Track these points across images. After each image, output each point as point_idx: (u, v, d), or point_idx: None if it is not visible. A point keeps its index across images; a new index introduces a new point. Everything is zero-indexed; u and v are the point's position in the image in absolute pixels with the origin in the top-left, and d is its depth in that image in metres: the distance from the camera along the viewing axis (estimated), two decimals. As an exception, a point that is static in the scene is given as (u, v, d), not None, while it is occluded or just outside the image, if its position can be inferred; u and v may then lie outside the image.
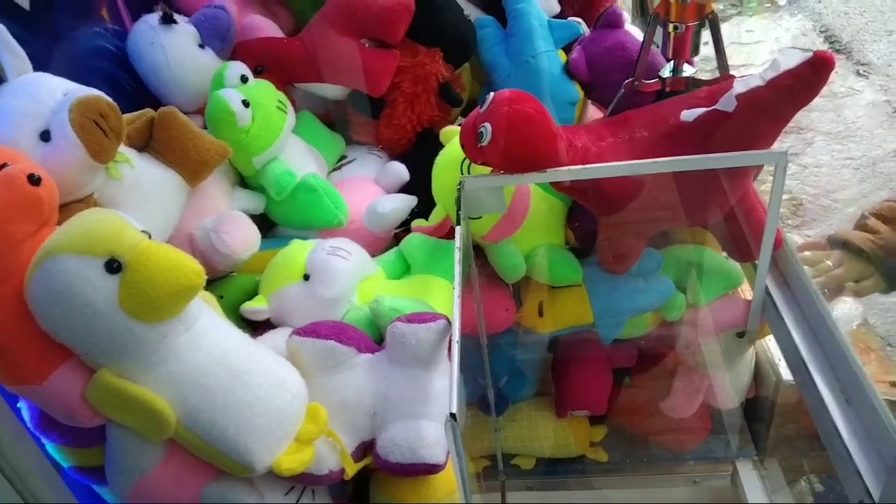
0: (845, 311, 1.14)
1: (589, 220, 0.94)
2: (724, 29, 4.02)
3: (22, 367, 0.55)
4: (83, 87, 0.67)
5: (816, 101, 2.60)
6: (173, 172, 0.74)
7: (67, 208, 0.63)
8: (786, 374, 1.00)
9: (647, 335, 1.00)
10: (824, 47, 3.82)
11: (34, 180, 0.55)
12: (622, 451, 1.12)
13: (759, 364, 1.05)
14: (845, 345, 0.79)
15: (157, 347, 0.55)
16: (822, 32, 3.95)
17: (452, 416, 0.55)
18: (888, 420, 0.69)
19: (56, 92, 0.65)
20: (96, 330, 0.52)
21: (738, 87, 0.78)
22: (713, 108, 0.80)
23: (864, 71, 3.54)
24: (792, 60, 0.75)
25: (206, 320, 0.59)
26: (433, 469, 0.63)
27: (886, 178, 2.92)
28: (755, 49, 3.91)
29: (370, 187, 0.94)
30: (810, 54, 0.74)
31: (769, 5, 4.32)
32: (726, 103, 0.78)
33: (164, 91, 0.88)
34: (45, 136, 0.63)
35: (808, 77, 0.74)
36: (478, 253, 0.94)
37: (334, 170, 0.97)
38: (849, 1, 4.14)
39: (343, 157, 0.99)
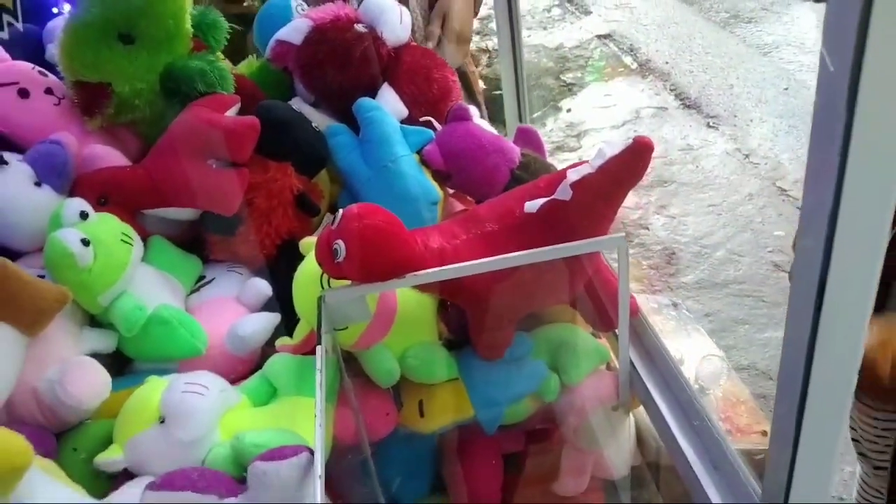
0: (711, 369, 1.20)
1: (459, 312, 0.95)
2: (584, 95, 4.25)
3: None
4: None
5: (675, 154, 2.79)
6: (6, 326, 0.70)
7: None
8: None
9: (528, 419, 1.01)
10: (676, 104, 4.13)
11: None
12: (523, 536, 1.11)
13: (640, 431, 1.08)
14: (706, 412, 0.83)
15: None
16: (672, 91, 4.27)
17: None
18: (750, 484, 0.72)
19: None
20: None
21: (572, 176, 0.82)
22: (552, 197, 0.83)
23: (714, 123, 3.84)
24: (616, 148, 0.80)
25: (41, 494, 0.55)
26: None
27: (747, 221, 3.14)
28: (615, 111, 4.18)
29: (232, 307, 0.92)
30: (631, 141, 0.79)
31: (622, 70, 4.65)
32: (562, 192, 0.82)
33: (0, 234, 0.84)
34: None
35: (632, 161, 0.79)
36: (352, 359, 0.93)
37: (193, 292, 0.94)
38: (692, 60, 4.51)
39: (202, 278, 0.97)
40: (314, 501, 0.58)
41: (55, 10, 1.27)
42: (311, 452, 0.64)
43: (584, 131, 4.01)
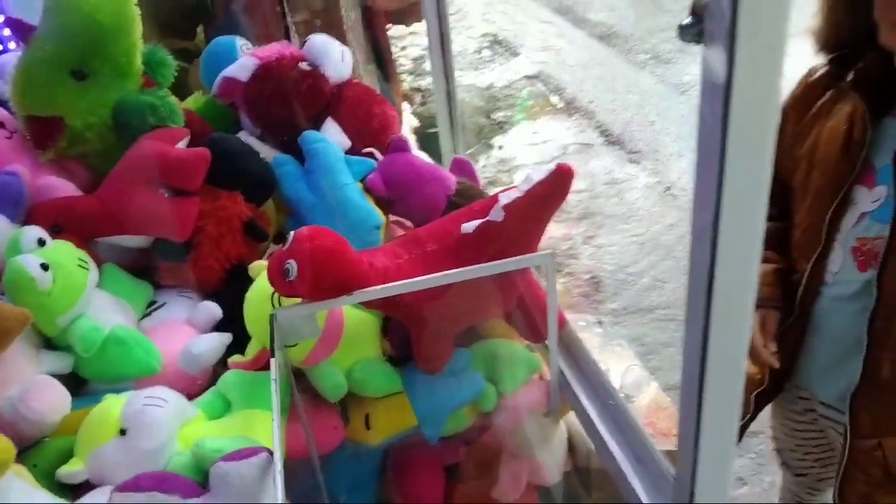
0: (634, 378, 1.29)
1: (401, 329, 1.02)
2: (514, 133, 4.41)
3: None
4: None
5: (601, 188, 2.94)
6: (-31, 346, 0.73)
7: None
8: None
9: (468, 429, 1.08)
10: (601, 140, 4.33)
11: None
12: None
13: (571, 438, 1.16)
14: (630, 414, 0.91)
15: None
16: (597, 128, 4.48)
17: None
18: (669, 472, 0.80)
19: None
20: None
21: (504, 200, 0.91)
22: (487, 219, 0.92)
23: (636, 158, 4.04)
24: (541, 174, 0.89)
25: (17, 495, 0.58)
26: None
27: (668, 250, 3.31)
28: (544, 148, 4.35)
29: (183, 329, 0.96)
30: (554, 167, 0.89)
31: (549, 108, 4.85)
32: (496, 214, 0.91)
33: (-46, 262, 0.87)
34: None
35: (555, 185, 0.89)
36: (301, 376, 0.98)
37: (144, 317, 0.98)
38: (615, 99, 4.74)
39: (153, 303, 1.00)
40: (276, 500, 0.63)
41: (-1, 48, 1.30)
42: (271, 453, 0.69)
43: (515, 167, 4.16)
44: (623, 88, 4.80)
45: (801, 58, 1.05)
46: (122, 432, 0.74)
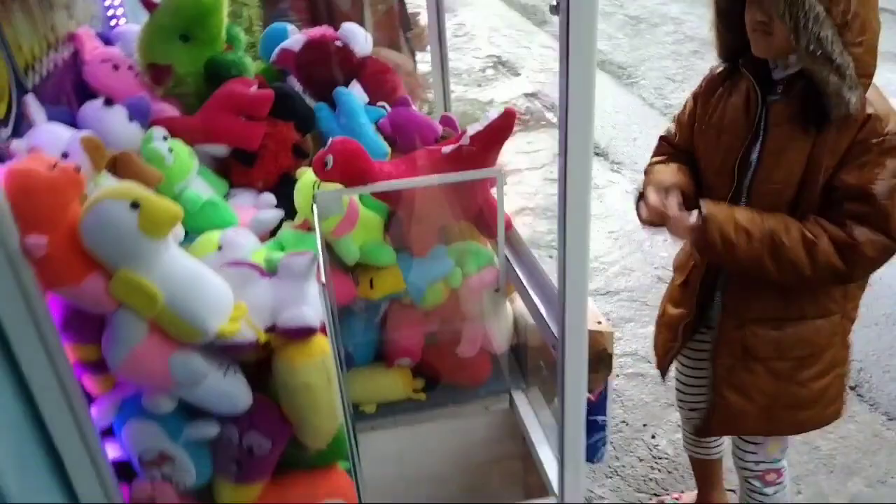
0: None
1: (399, 225, 1.46)
2: (510, 142, 4.94)
3: (65, 274, 0.96)
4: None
5: None
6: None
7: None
8: (531, 321, 1.54)
9: (444, 302, 1.52)
10: (587, 152, 4.79)
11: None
12: (436, 392, 1.60)
13: (516, 318, 1.60)
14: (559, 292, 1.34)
15: (155, 255, 0.98)
16: (585, 141, 4.94)
17: (324, 284, 1.03)
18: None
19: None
20: (122, 244, 0.95)
21: (470, 131, 1.36)
22: (458, 144, 1.37)
23: (617, 168, 4.51)
24: (495, 114, 1.35)
25: (178, 245, 1.03)
26: (312, 330, 1.08)
27: (638, 244, 3.76)
28: (536, 156, 4.82)
29: (250, 209, 1.41)
30: (503, 110, 1.34)
31: (544, 123, 5.34)
32: (464, 140, 1.36)
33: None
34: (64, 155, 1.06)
35: (504, 122, 1.34)
36: (329, 248, 1.42)
37: (224, 201, 1.43)
38: (603, 117, 5.22)
39: (227, 194, 1.46)
40: (321, 280, 1.07)
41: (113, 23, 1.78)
42: (314, 256, 1.14)
43: (509, 171, 4.63)
44: (612, 108, 5.29)
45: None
46: (219, 248, 1.19)
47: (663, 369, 1.81)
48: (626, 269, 3.59)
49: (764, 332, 1.55)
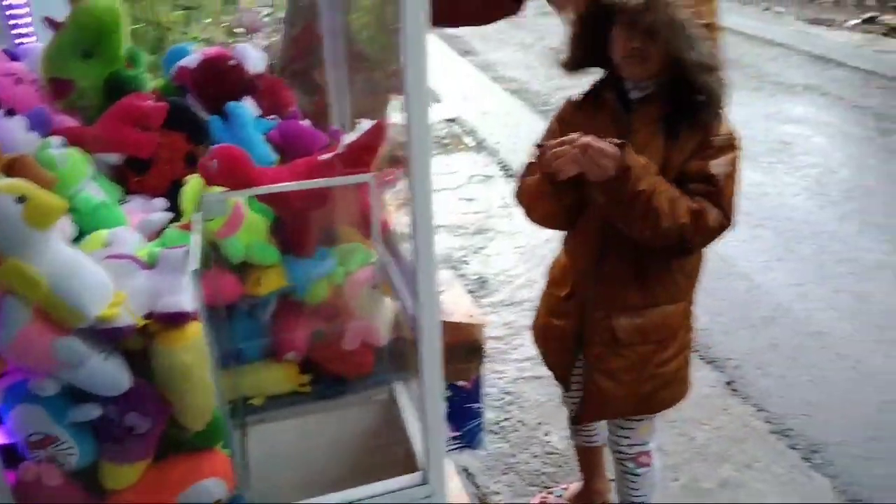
0: (442, 279, 1.90)
1: (284, 227, 1.60)
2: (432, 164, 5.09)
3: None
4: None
5: (495, 210, 3.75)
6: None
7: None
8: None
9: (328, 299, 1.66)
10: (501, 174, 5.04)
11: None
12: (322, 385, 1.73)
13: (396, 313, 1.75)
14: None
15: (40, 245, 1.09)
16: (499, 164, 5.19)
17: (194, 271, 1.16)
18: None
19: None
20: (8, 235, 1.06)
21: (345, 140, 1.52)
22: (335, 152, 1.53)
23: (528, 188, 4.75)
24: (368, 126, 1.51)
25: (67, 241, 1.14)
26: (187, 315, 1.21)
27: (541, 259, 3.98)
28: (454, 177, 5.03)
29: (140, 213, 1.53)
30: (374, 124, 1.51)
31: (462, 147, 5.56)
32: (341, 148, 1.52)
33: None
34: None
35: (376, 132, 1.51)
36: (216, 248, 1.54)
37: (118, 206, 1.55)
38: (517, 142, 5.47)
39: (122, 200, 1.58)
40: (193, 268, 1.20)
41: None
42: (188, 249, 1.26)
43: (426, 191, 4.81)
44: (525, 134, 5.55)
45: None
46: (106, 244, 1.31)
47: (567, 381, 1.98)
48: (530, 281, 3.80)
49: (628, 319, 1.77)
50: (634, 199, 1.57)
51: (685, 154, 1.64)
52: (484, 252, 4.11)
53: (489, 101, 6.37)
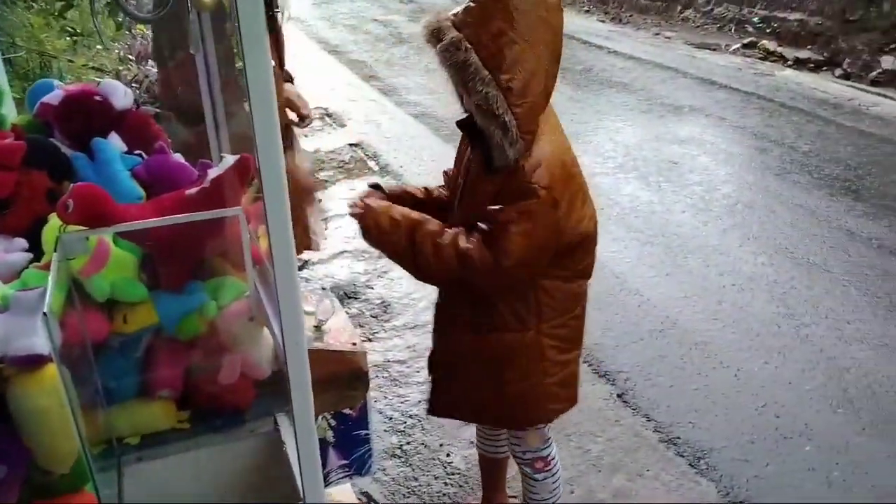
0: (324, 307, 1.92)
1: (151, 263, 1.59)
2: (335, 189, 5.11)
3: None
4: None
5: None
6: None
7: None
8: (289, 346, 1.70)
9: (202, 333, 1.64)
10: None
11: None
12: (202, 420, 1.70)
13: (277, 347, 1.75)
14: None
15: None
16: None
17: (45, 314, 1.14)
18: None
19: None
20: None
21: (211, 174, 1.53)
22: (201, 185, 1.53)
23: (430, 211, 4.82)
24: (234, 159, 1.52)
25: None
26: (42, 358, 1.18)
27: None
28: (357, 202, 5.03)
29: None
30: (239, 156, 1.52)
31: (366, 171, 5.58)
32: (206, 182, 1.52)
33: None
34: None
35: (242, 164, 1.52)
36: (80, 286, 1.51)
37: (-27, 247, 1.50)
38: (421, 165, 5.55)
39: (-22, 241, 1.52)
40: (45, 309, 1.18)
41: None
42: (43, 293, 1.24)
43: (331, 216, 4.82)
44: (429, 157, 5.64)
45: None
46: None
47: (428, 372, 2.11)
48: (433, 304, 3.82)
49: (462, 335, 1.84)
50: (393, 250, 1.78)
51: (489, 193, 1.69)
52: (387, 276, 4.14)
53: (393, 125, 6.43)
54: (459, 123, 1.80)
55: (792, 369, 3.24)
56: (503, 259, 1.65)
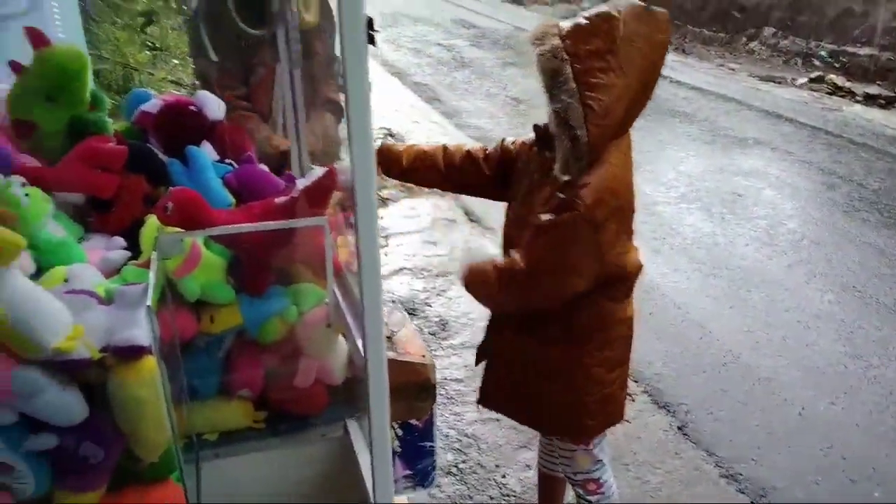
0: (396, 318, 1.96)
1: (240, 267, 1.65)
2: (394, 208, 5.21)
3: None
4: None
5: (458, 253, 3.80)
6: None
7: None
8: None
9: (281, 337, 1.70)
10: (464, 218, 5.13)
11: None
12: (276, 421, 1.75)
13: (350, 353, 1.79)
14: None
15: (1, 278, 1.13)
16: (461, 208, 5.29)
17: (148, 307, 1.20)
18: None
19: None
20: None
21: (299, 185, 1.59)
22: (290, 195, 1.59)
23: (489, 233, 4.85)
24: (321, 171, 1.58)
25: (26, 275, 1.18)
26: (142, 350, 1.25)
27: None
28: (418, 220, 5.11)
29: (99, 251, 1.57)
30: (327, 169, 1.58)
31: (426, 191, 5.66)
32: (294, 192, 1.58)
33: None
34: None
35: (328, 178, 1.57)
36: (173, 286, 1.58)
37: (77, 244, 1.58)
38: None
39: (82, 238, 1.61)
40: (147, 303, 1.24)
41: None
42: (145, 290, 1.31)
43: (391, 234, 4.90)
44: (489, 180, 5.68)
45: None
46: (66, 280, 1.34)
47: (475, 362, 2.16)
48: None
49: (514, 338, 1.93)
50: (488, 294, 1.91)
51: (542, 199, 1.77)
52: (446, 295, 4.18)
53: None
54: (536, 127, 1.85)
55: (859, 411, 3.14)
56: (525, 261, 1.73)
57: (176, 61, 5.92)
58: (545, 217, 1.70)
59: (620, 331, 1.92)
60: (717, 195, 5.32)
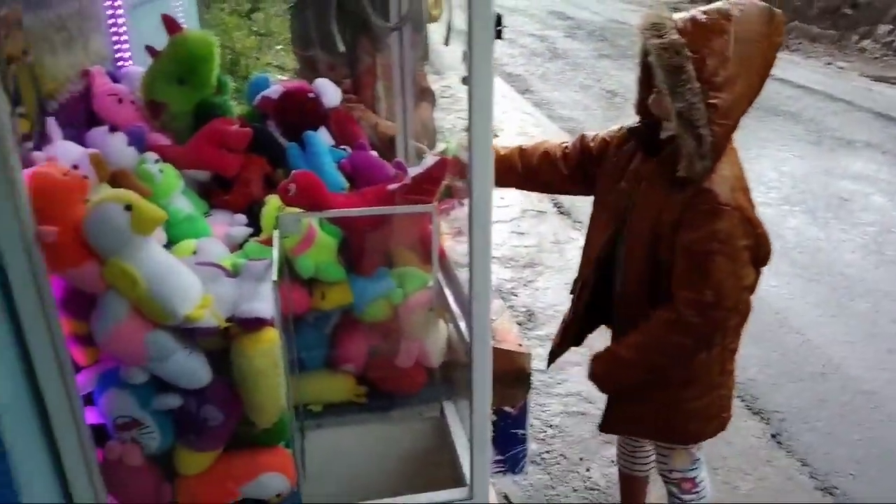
0: (494, 307, 1.98)
1: (349, 248, 1.72)
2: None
3: (68, 259, 1.20)
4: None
5: (547, 245, 3.84)
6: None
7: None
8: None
9: (385, 318, 1.75)
10: (553, 210, 5.11)
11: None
12: (377, 398, 1.82)
13: (449, 337, 1.83)
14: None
15: (141, 249, 1.22)
16: (552, 200, 5.26)
17: (274, 282, 1.27)
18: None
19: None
20: (115, 238, 1.20)
21: (411, 173, 1.63)
22: (402, 182, 1.64)
23: (578, 227, 4.81)
24: (432, 160, 1.62)
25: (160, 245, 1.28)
26: (263, 321, 1.32)
27: (590, 296, 4.03)
28: (507, 210, 5.12)
29: (223, 226, 1.67)
30: (439, 158, 1.61)
31: (517, 182, 5.65)
32: (406, 180, 1.63)
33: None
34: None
35: (440, 167, 1.61)
36: (289, 262, 1.66)
37: (202, 219, 1.69)
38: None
39: (206, 213, 1.71)
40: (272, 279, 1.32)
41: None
42: (270, 263, 1.38)
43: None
44: (581, 173, 5.63)
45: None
46: (195, 252, 1.44)
47: (549, 362, 2.21)
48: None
49: None
50: (634, 378, 1.86)
51: (674, 214, 1.70)
52: (533, 285, 4.18)
53: (546, 138, 6.48)
54: (632, 130, 1.83)
55: (970, 432, 2.97)
56: (719, 297, 1.67)
57: (279, 47, 6.12)
58: (701, 238, 1.67)
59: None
60: (821, 198, 5.09)
